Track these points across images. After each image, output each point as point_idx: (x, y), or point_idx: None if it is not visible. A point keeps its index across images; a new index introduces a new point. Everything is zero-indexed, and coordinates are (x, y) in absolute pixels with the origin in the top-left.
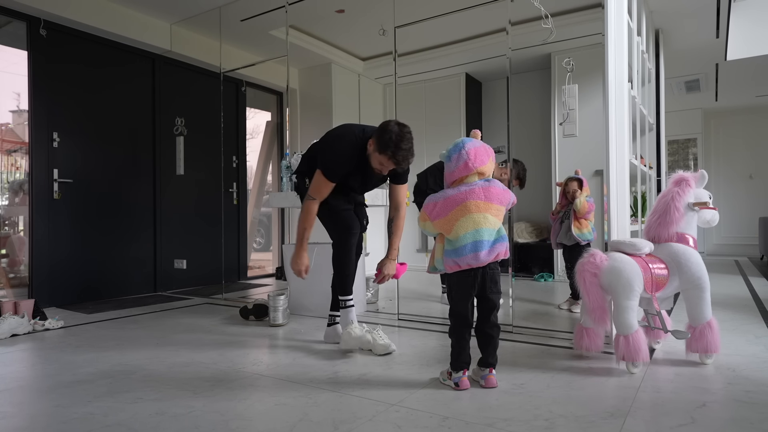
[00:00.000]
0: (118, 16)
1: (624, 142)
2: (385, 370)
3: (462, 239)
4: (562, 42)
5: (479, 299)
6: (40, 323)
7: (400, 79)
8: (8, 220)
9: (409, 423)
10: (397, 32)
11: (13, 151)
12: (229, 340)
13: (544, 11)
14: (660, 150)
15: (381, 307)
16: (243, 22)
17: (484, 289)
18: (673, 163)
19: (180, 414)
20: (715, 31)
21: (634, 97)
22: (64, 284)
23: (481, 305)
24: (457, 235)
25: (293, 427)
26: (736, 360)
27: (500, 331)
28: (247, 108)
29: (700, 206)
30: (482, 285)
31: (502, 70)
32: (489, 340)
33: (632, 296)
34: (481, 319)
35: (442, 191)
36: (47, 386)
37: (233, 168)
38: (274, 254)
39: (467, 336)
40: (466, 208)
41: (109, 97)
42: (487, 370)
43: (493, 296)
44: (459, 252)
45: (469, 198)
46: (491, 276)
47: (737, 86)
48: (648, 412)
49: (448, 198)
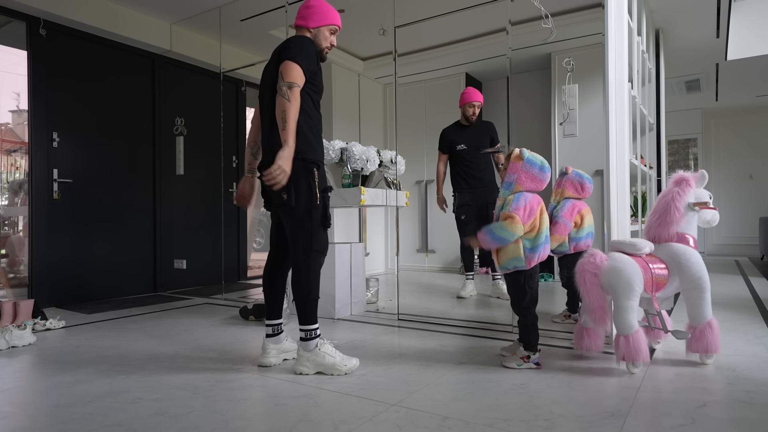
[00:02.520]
0: (118, 16)
1: (624, 142)
2: (385, 370)
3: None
4: (562, 42)
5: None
6: (41, 323)
7: (400, 79)
8: (8, 220)
9: (409, 423)
10: (397, 32)
11: (12, 151)
12: (229, 340)
13: (544, 11)
14: (660, 150)
15: (381, 307)
16: (243, 22)
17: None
18: (674, 163)
19: (180, 414)
20: (715, 31)
21: (635, 97)
22: (64, 284)
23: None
24: (541, 231)
25: (293, 427)
26: (736, 360)
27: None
28: (247, 108)
29: (701, 206)
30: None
31: (502, 70)
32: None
33: (632, 296)
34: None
35: (523, 196)
36: (47, 386)
37: (233, 168)
38: None
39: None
40: (542, 213)
41: (109, 96)
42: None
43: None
44: (543, 245)
45: (540, 203)
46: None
47: (737, 86)
48: (648, 412)
49: (533, 203)
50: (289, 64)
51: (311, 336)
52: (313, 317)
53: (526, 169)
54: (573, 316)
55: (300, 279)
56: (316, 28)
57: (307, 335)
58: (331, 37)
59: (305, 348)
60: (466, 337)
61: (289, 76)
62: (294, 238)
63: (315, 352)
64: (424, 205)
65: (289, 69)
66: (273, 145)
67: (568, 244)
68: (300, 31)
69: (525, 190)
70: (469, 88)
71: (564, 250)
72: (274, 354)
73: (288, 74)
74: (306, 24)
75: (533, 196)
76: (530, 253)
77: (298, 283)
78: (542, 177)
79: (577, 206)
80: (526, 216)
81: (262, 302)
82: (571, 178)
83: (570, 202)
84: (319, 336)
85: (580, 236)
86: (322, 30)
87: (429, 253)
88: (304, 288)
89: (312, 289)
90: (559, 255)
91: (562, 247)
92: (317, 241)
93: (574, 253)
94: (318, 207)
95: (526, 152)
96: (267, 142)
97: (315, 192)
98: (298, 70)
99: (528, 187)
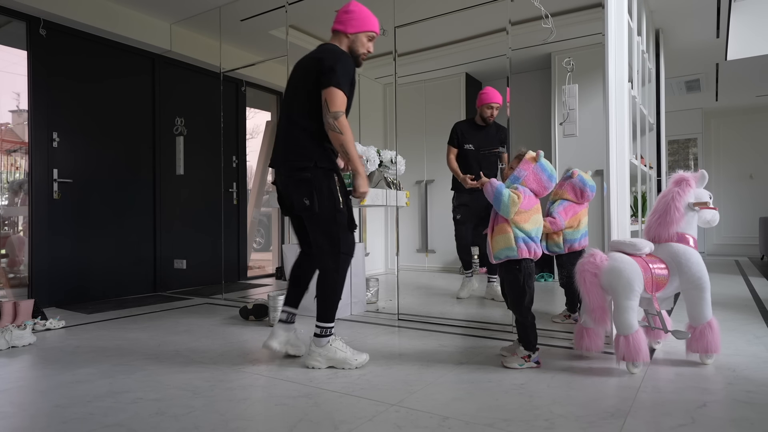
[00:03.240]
0: (118, 16)
1: (624, 142)
2: (385, 370)
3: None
4: (562, 42)
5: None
6: (41, 323)
7: (400, 79)
8: (8, 220)
9: (409, 423)
10: (397, 32)
11: (12, 151)
12: (229, 340)
13: (544, 11)
14: (660, 150)
15: (381, 307)
16: (243, 22)
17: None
18: (674, 163)
19: (180, 414)
20: (715, 31)
21: (635, 97)
22: (64, 284)
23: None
24: (536, 224)
25: (293, 427)
26: (736, 360)
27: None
28: (247, 108)
29: (701, 206)
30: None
31: (502, 70)
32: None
33: (632, 296)
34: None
35: (526, 190)
36: (47, 386)
37: (233, 168)
38: (274, 254)
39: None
40: (536, 213)
41: (109, 96)
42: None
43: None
44: (536, 239)
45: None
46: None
47: (737, 86)
48: (648, 412)
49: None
50: (334, 92)
51: (326, 333)
52: (331, 316)
53: (537, 172)
54: (573, 316)
55: (327, 280)
56: (354, 33)
57: (323, 332)
58: (369, 44)
59: (317, 344)
60: (465, 337)
61: (335, 106)
62: (320, 242)
63: (327, 347)
64: (424, 205)
65: (334, 98)
66: (287, 155)
67: (562, 245)
68: (336, 35)
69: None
70: (488, 88)
71: (558, 250)
72: (281, 341)
73: (333, 103)
74: (345, 29)
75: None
76: (522, 243)
77: (325, 283)
78: (547, 185)
79: (573, 208)
80: (526, 201)
81: (262, 302)
82: (573, 182)
83: (567, 203)
84: (333, 334)
85: (575, 237)
86: (360, 36)
87: (429, 253)
88: (330, 288)
89: (337, 289)
90: (554, 254)
91: (556, 247)
92: (345, 243)
93: (571, 252)
94: (342, 210)
95: (542, 157)
96: (280, 148)
97: (337, 196)
98: (342, 97)
99: (532, 187)
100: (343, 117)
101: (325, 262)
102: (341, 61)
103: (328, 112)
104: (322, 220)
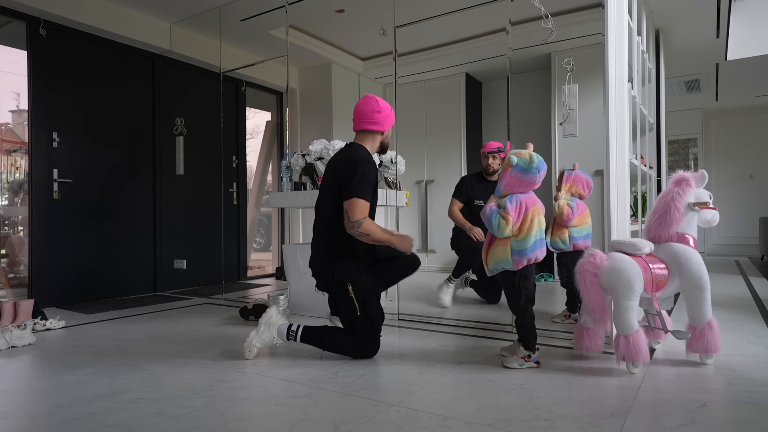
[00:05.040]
0: (118, 16)
1: (624, 142)
2: (385, 370)
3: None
4: (562, 42)
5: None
6: (41, 323)
7: (400, 79)
8: (8, 220)
9: (409, 423)
10: (397, 32)
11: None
12: (229, 340)
13: (544, 11)
14: (660, 150)
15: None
16: (243, 22)
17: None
18: (674, 163)
19: (180, 414)
20: (715, 31)
21: (635, 97)
22: (64, 284)
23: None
24: (529, 234)
25: (293, 427)
26: (736, 360)
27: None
28: (247, 108)
29: (701, 206)
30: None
31: (502, 70)
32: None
33: (632, 296)
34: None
35: (515, 197)
36: (47, 386)
37: (233, 168)
38: (274, 254)
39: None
40: (534, 216)
41: (109, 96)
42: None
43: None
44: (533, 248)
45: (534, 206)
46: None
47: (737, 86)
48: (648, 412)
49: (527, 202)
50: (355, 203)
51: (292, 338)
52: (318, 345)
53: (514, 175)
54: (573, 316)
55: (347, 346)
56: (389, 129)
57: (291, 337)
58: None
59: (279, 335)
60: (465, 337)
61: (355, 215)
62: (348, 328)
63: (274, 340)
64: (424, 205)
65: (354, 208)
66: (321, 249)
67: (568, 241)
68: (371, 135)
69: (515, 194)
70: (489, 142)
71: (564, 246)
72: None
73: (353, 214)
74: (381, 129)
75: (528, 196)
76: (517, 255)
77: (346, 341)
78: (527, 178)
79: (582, 207)
80: (516, 216)
81: (262, 302)
82: (583, 176)
83: (579, 201)
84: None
85: (581, 235)
86: (390, 128)
87: (429, 253)
88: (342, 349)
89: (346, 354)
90: (557, 252)
91: (562, 244)
92: (366, 342)
93: (573, 252)
94: (361, 317)
95: (514, 159)
96: (316, 244)
97: (354, 306)
98: (363, 205)
99: (516, 191)
100: (366, 222)
101: (348, 332)
102: (363, 167)
103: (349, 222)
104: (345, 315)
